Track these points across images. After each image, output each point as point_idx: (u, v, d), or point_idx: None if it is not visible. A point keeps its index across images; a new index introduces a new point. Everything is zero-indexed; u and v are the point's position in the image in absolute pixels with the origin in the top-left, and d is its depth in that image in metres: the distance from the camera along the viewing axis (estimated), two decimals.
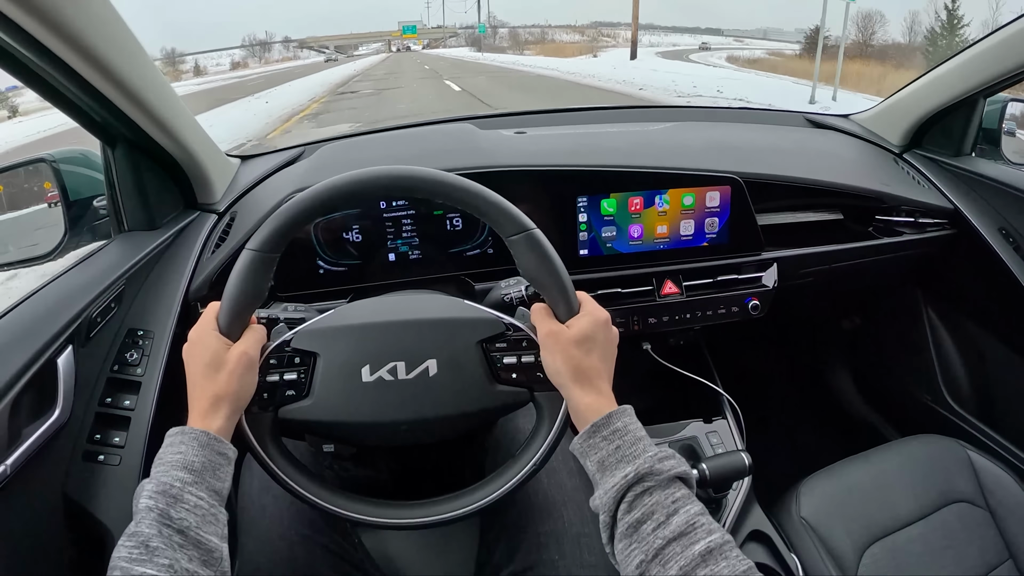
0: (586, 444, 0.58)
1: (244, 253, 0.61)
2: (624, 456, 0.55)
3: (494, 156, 1.02)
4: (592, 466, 0.57)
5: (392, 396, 0.63)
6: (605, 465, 0.56)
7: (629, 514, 0.53)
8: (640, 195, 1.00)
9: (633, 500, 0.53)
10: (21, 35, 0.65)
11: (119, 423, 0.77)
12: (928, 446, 0.97)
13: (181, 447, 0.54)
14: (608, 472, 0.55)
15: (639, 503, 0.53)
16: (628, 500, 0.53)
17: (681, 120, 1.35)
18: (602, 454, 0.56)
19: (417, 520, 0.64)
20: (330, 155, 1.11)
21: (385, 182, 0.62)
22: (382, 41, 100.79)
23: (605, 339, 0.62)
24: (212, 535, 0.51)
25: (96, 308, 0.79)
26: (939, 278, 1.26)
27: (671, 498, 0.52)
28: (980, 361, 1.24)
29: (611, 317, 0.64)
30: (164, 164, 0.95)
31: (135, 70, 0.79)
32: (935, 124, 1.22)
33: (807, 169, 1.09)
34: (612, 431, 0.57)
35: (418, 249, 0.99)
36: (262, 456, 0.62)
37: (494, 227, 0.63)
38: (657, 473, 0.53)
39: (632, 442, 0.56)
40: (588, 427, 0.58)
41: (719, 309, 1.05)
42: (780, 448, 1.17)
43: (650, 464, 0.54)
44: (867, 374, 1.53)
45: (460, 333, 0.64)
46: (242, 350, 0.60)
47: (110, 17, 0.73)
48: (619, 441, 0.56)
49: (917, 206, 1.13)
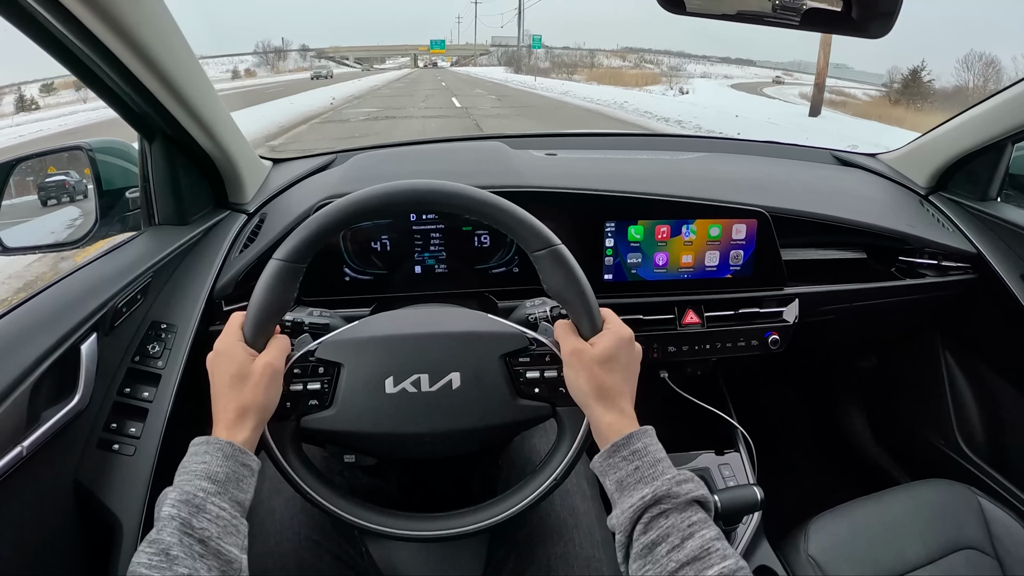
0: (606, 463, 0.58)
1: (271, 263, 0.61)
2: (643, 477, 0.55)
3: (525, 176, 1.03)
4: (611, 485, 0.57)
5: (415, 408, 0.63)
6: (624, 485, 0.56)
7: (645, 535, 0.53)
8: (668, 224, 1.00)
9: (649, 521, 0.53)
10: (76, 26, 0.67)
11: (136, 414, 0.78)
12: (939, 491, 0.96)
13: (206, 457, 0.55)
14: (626, 492, 0.55)
15: (655, 525, 0.53)
16: (644, 521, 0.53)
17: (709, 151, 1.35)
18: (621, 474, 0.56)
19: (435, 532, 0.63)
20: (363, 165, 1.12)
21: (416, 196, 0.62)
22: (410, 55, 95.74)
23: (628, 358, 0.62)
24: (233, 546, 0.51)
25: (123, 298, 0.80)
26: (958, 322, 1.25)
27: (687, 521, 0.52)
28: (995, 407, 1.23)
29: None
30: (199, 161, 0.96)
31: (181, 67, 0.80)
32: (962, 167, 1.22)
33: (834, 207, 1.09)
34: (632, 451, 0.57)
35: (444, 263, 1.00)
36: (282, 464, 0.62)
37: (520, 242, 0.63)
38: (674, 496, 0.53)
39: (651, 463, 0.56)
40: (609, 446, 0.58)
41: (739, 342, 1.05)
42: (790, 484, 1.16)
43: (668, 486, 0.54)
44: (881, 415, 1.52)
45: (484, 347, 0.65)
46: (267, 361, 0.60)
47: (162, 15, 0.75)
48: (639, 462, 0.56)
49: (941, 249, 1.13)
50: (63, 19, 0.66)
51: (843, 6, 0.88)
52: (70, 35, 0.68)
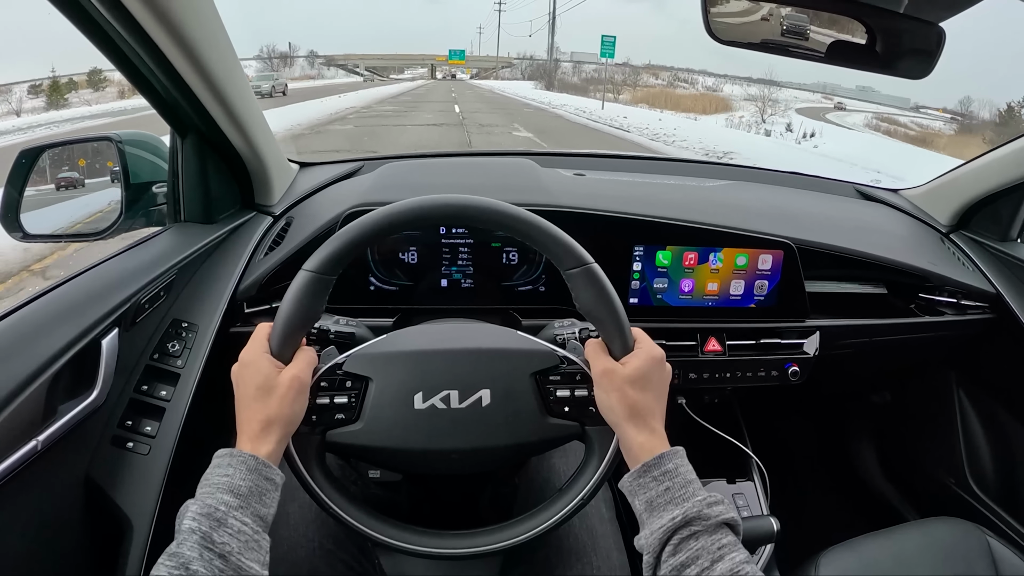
0: (636, 483, 0.57)
1: (301, 274, 0.60)
2: (673, 498, 0.55)
3: (555, 195, 1.03)
4: (640, 505, 0.57)
5: (444, 425, 0.62)
6: (654, 505, 0.56)
7: (674, 557, 0.52)
8: (695, 250, 1.00)
9: (679, 543, 0.53)
10: (124, 16, 0.67)
11: (153, 412, 0.77)
12: (949, 529, 0.95)
13: (229, 470, 0.54)
14: (656, 513, 0.55)
15: (685, 547, 0.52)
16: (674, 543, 0.53)
17: (734, 179, 1.36)
18: (651, 494, 0.56)
19: (457, 551, 0.62)
20: (392, 174, 1.12)
21: (451, 211, 0.62)
22: (427, 66, 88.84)
23: (660, 378, 0.62)
24: (254, 562, 0.50)
25: (146, 294, 0.79)
26: (974, 361, 1.25)
27: (717, 544, 0.52)
28: (1007, 448, 1.23)
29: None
30: (229, 161, 0.96)
31: (223, 66, 0.80)
32: (984, 207, 1.23)
33: (857, 241, 1.09)
34: (663, 472, 0.57)
35: (471, 278, 0.99)
36: (306, 478, 0.62)
37: (553, 260, 0.63)
38: (705, 518, 0.53)
39: (682, 484, 0.56)
40: (639, 466, 0.58)
41: (759, 371, 1.04)
42: (801, 516, 1.15)
43: (699, 508, 0.53)
44: (893, 451, 1.52)
45: (515, 364, 0.64)
46: (293, 374, 0.59)
47: (210, 13, 0.75)
48: (669, 483, 0.56)
49: (960, 287, 1.13)
50: (112, 9, 0.66)
51: (868, 40, 0.88)
52: (118, 26, 0.69)
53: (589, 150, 1.48)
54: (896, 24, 0.86)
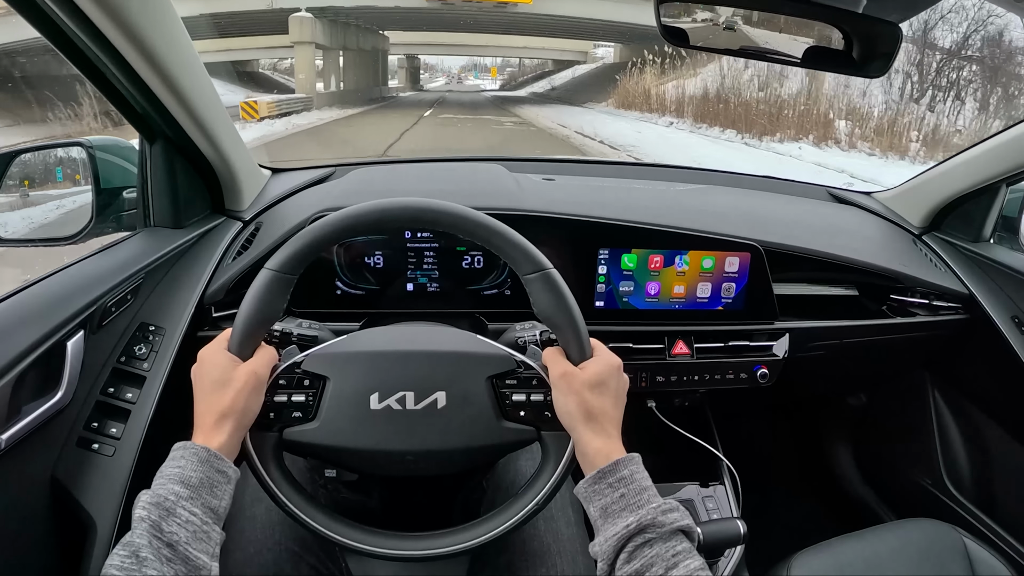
0: (591, 489, 0.57)
1: (262, 272, 0.61)
2: (628, 505, 0.55)
3: (522, 200, 1.03)
4: (595, 512, 0.57)
5: (399, 426, 0.62)
6: (608, 512, 0.56)
7: (628, 564, 0.52)
8: (661, 253, 1.00)
9: (633, 551, 0.53)
10: (83, 22, 0.68)
11: (118, 414, 0.78)
12: (924, 530, 0.95)
13: (181, 461, 0.54)
14: (610, 520, 0.55)
15: (639, 554, 0.52)
16: (628, 550, 0.53)
17: (706, 183, 1.36)
18: (606, 501, 0.56)
19: (416, 552, 0.63)
20: (362, 180, 1.13)
21: (411, 213, 0.63)
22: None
23: (617, 385, 0.62)
24: (202, 552, 0.51)
25: (112, 297, 0.80)
26: (948, 362, 1.26)
27: (672, 551, 0.52)
28: (982, 448, 1.23)
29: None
30: (198, 166, 0.97)
31: (186, 71, 0.81)
32: (956, 208, 1.23)
33: (827, 243, 1.10)
34: (618, 478, 0.57)
35: (437, 282, 1.00)
36: (262, 475, 0.62)
37: (512, 265, 0.63)
38: (659, 525, 0.53)
39: (637, 491, 0.56)
40: (595, 472, 0.58)
41: (728, 374, 1.05)
42: (774, 519, 1.15)
43: (653, 515, 0.53)
44: (868, 452, 1.52)
45: (471, 367, 0.65)
46: (251, 369, 0.60)
47: (169, 16, 0.76)
48: (624, 489, 0.56)
49: (932, 288, 1.13)
50: (72, 15, 0.67)
51: (845, 46, 0.90)
52: (78, 31, 0.69)
53: (561, 155, 1.48)
54: (861, 25, 0.87)
